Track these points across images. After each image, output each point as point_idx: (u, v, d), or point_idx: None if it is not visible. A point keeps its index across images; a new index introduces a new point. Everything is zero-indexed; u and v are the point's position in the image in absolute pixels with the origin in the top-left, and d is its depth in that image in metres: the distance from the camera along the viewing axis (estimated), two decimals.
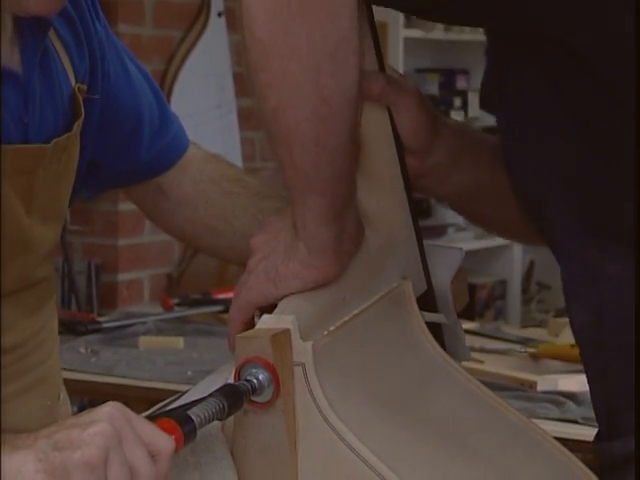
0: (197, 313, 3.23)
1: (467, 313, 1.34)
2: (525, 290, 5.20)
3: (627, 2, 1.06)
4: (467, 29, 4.47)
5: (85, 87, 1.44)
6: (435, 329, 1.24)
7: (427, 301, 1.26)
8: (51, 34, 1.39)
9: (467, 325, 2.73)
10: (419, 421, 1.10)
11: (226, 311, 3.18)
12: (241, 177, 1.59)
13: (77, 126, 1.41)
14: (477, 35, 4.52)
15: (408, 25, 4.21)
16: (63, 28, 1.42)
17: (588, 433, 2.30)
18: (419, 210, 1.28)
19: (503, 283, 4.96)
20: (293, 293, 1.13)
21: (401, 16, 4.12)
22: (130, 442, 0.97)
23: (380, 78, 1.19)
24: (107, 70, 1.48)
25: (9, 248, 1.34)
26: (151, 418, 1.02)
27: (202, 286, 3.47)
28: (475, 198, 1.33)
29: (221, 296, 3.25)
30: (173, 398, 1.16)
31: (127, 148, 1.53)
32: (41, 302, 1.45)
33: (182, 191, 1.56)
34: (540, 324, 4.56)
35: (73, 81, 1.43)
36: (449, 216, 4.63)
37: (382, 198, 1.22)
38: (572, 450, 1.24)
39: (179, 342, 2.93)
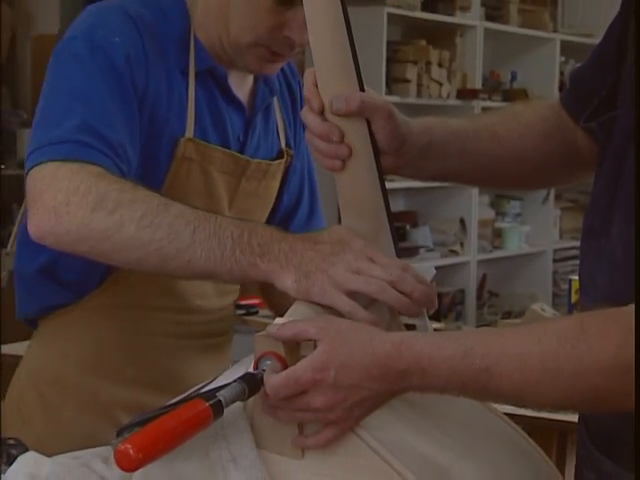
0: None
1: (434, 315, 1.32)
2: (479, 297, 5.21)
3: None
4: (435, 94, 4.46)
5: (291, 151, 1.54)
6: (411, 328, 1.23)
7: None
8: (277, 106, 1.52)
9: (435, 325, 2.72)
10: (399, 400, 1.08)
11: (247, 314, 3.17)
12: None
13: (278, 163, 1.51)
14: (439, 101, 4.51)
15: (388, 92, 4.21)
16: (284, 110, 1.54)
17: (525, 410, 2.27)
18: (398, 235, 1.26)
19: (462, 292, 4.97)
20: None
21: (383, 85, 4.12)
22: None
23: (357, 97, 1.17)
24: (298, 159, 1.56)
25: None
26: (188, 399, 1.01)
27: None
28: (447, 178, 1.37)
29: (243, 302, 3.22)
30: (206, 382, 1.15)
31: (284, 219, 1.57)
32: (227, 288, 1.51)
33: None
34: (490, 324, 4.56)
35: (283, 142, 1.53)
36: (420, 240, 4.62)
37: (368, 227, 1.21)
38: (516, 423, 1.23)
39: None
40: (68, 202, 1.16)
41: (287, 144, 1.55)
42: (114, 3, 1.38)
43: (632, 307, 0.95)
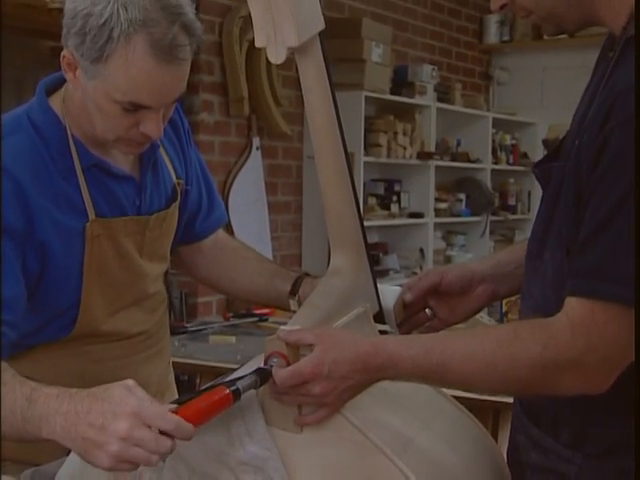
0: (244, 322, 3.19)
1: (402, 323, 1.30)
2: None
3: None
4: (400, 155, 4.46)
5: (182, 181, 1.42)
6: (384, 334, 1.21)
7: (379, 317, 1.23)
8: (161, 150, 1.37)
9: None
10: (375, 387, 1.06)
11: (261, 321, 3.15)
12: (249, 250, 1.53)
13: (174, 206, 1.39)
14: (403, 160, 4.51)
15: (365, 154, 4.21)
16: (169, 146, 1.41)
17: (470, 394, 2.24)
18: (373, 261, 1.25)
19: None
20: None
21: (362, 149, 4.12)
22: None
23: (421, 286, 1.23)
24: (192, 177, 1.46)
25: (132, 276, 1.33)
26: (214, 386, 0.99)
27: (246, 306, 3.43)
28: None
29: (258, 312, 3.21)
30: (228, 373, 1.13)
31: (189, 222, 1.48)
32: (155, 306, 1.42)
33: (213, 253, 1.51)
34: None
35: (174, 178, 1.40)
36: (390, 264, 4.61)
37: (351, 257, 1.20)
38: (461, 403, 1.21)
39: (232, 339, 2.89)
40: None
41: (177, 176, 1.39)
42: None
43: (555, 317, 0.94)
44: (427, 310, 1.25)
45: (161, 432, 0.91)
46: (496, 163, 5.31)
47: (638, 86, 0.90)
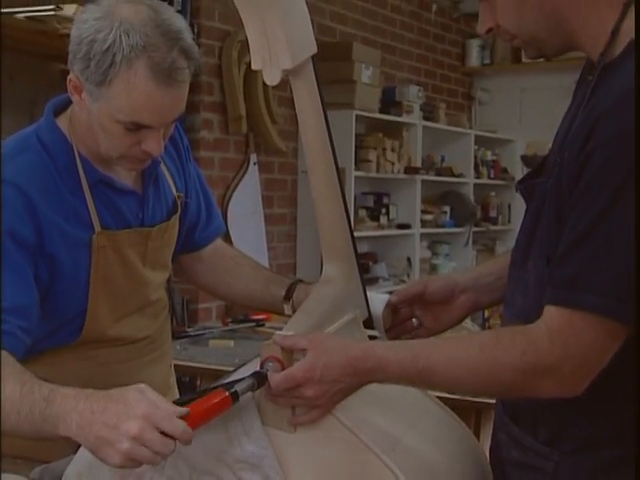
0: (241, 327, 3.18)
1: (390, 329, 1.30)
2: None
3: None
4: (389, 170, 4.47)
5: (182, 194, 1.41)
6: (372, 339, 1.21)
7: (368, 323, 1.23)
8: (162, 165, 1.37)
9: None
10: (364, 390, 1.06)
11: (258, 326, 3.13)
12: (245, 257, 1.53)
13: (174, 218, 1.39)
14: (392, 175, 4.52)
15: (356, 169, 4.21)
16: (169, 162, 1.40)
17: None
18: (363, 269, 1.25)
19: None
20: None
21: (352, 164, 4.12)
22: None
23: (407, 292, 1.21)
24: (191, 191, 1.46)
25: (136, 284, 1.33)
26: (214, 388, 0.99)
27: (244, 311, 3.42)
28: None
29: (255, 317, 3.20)
30: (226, 375, 1.12)
31: (189, 232, 1.47)
32: (158, 312, 1.42)
33: (211, 261, 1.51)
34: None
35: (174, 191, 1.40)
36: (379, 273, 4.61)
37: (342, 266, 1.20)
38: (445, 404, 1.21)
39: (231, 343, 2.88)
40: None
41: (178, 190, 1.38)
42: (6, 178, 1.16)
43: (535, 325, 0.94)
44: (414, 319, 1.25)
45: (165, 434, 0.91)
46: (478, 177, 5.32)
47: (638, 91, 0.89)
